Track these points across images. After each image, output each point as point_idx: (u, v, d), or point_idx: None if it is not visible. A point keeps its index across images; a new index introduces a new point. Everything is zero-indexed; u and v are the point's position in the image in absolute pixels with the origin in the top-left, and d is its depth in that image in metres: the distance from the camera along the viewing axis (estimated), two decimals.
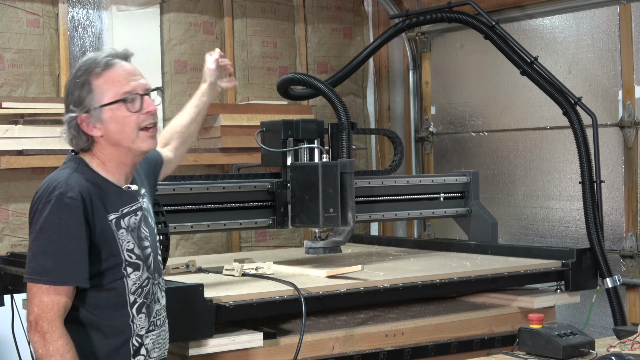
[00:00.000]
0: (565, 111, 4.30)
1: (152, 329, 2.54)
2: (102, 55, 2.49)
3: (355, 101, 5.81)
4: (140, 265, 2.50)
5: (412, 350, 3.54)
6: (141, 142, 2.49)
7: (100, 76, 2.46)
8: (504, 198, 5.22)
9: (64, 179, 2.43)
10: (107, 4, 4.94)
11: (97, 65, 2.47)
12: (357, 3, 5.84)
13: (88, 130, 2.47)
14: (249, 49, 5.38)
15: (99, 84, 2.46)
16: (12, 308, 4.01)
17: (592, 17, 4.76)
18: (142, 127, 2.48)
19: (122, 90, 2.46)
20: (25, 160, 4.50)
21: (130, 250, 2.49)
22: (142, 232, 2.54)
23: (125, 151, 2.50)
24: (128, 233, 2.49)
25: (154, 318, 2.55)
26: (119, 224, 2.48)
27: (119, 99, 2.46)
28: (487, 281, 3.81)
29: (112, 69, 2.47)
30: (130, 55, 2.54)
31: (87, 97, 2.46)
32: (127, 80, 2.47)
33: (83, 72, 2.47)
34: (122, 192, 2.52)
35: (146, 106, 2.48)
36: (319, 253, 3.88)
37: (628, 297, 4.54)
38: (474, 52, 5.37)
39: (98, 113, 2.46)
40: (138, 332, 2.50)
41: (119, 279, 2.47)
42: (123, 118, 2.47)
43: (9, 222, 4.59)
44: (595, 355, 2.75)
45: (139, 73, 2.52)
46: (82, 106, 2.46)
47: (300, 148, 3.92)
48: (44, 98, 4.66)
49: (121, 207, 2.50)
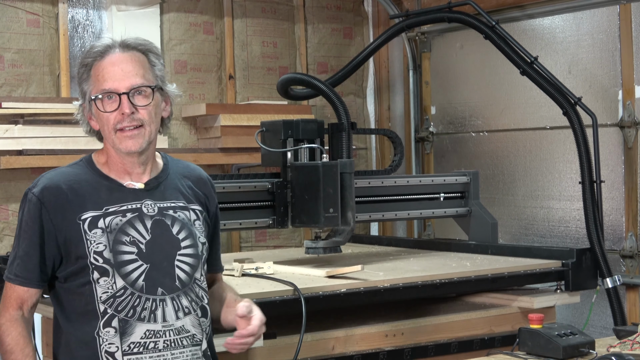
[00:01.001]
0: (565, 111, 4.30)
1: (138, 351, 2.30)
2: (99, 43, 2.39)
3: (355, 101, 5.80)
4: (110, 271, 2.30)
5: (412, 350, 3.54)
6: (119, 143, 2.36)
7: (92, 67, 2.38)
8: (504, 198, 5.22)
9: (44, 175, 2.40)
10: (107, 4, 4.94)
11: (92, 53, 2.39)
12: (357, 3, 5.84)
13: (89, 119, 2.44)
14: (249, 49, 5.38)
15: (90, 75, 2.39)
16: None
17: (592, 17, 4.76)
18: (117, 128, 2.36)
19: (101, 87, 2.36)
20: (25, 160, 4.50)
21: (99, 253, 2.31)
22: (125, 236, 2.34)
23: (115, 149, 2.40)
24: (104, 234, 2.32)
25: (143, 339, 2.31)
26: (94, 223, 2.32)
27: (96, 95, 2.37)
28: (487, 281, 3.81)
29: (101, 61, 2.37)
30: (138, 45, 2.40)
31: (85, 85, 2.42)
32: (109, 76, 2.35)
33: (85, 56, 2.41)
34: (118, 189, 2.40)
35: (122, 107, 2.33)
36: (319, 253, 3.88)
37: (628, 297, 4.54)
38: (474, 52, 5.37)
39: (90, 105, 2.41)
40: (106, 348, 2.29)
41: (87, 284, 2.32)
42: (101, 115, 2.38)
43: (9, 222, 4.59)
44: (595, 355, 2.75)
45: (130, 69, 2.35)
46: (81, 94, 2.44)
47: (300, 148, 3.92)
48: (44, 98, 4.66)
49: (107, 205, 2.35)
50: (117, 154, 2.40)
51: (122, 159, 2.41)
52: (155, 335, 2.32)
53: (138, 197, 2.41)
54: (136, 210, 2.39)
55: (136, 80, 2.36)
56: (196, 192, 2.52)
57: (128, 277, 2.32)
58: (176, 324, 2.35)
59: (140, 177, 2.44)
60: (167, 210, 2.42)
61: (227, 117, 4.95)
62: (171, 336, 2.34)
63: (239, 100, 5.31)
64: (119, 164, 2.42)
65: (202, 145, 5.06)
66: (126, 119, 2.35)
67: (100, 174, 2.42)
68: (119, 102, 2.34)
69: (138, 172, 2.44)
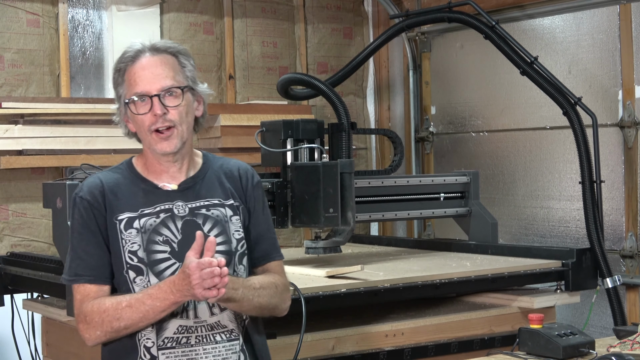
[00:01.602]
0: (565, 111, 4.30)
1: (171, 346, 2.40)
2: (131, 49, 2.45)
3: (355, 101, 5.80)
4: (144, 270, 2.40)
5: (412, 350, 3.54)
6: (155, 144, 2.43)
7: (125, 72, 2.45)
8: (504, 198, 5.22)
9: (88, 179, 2.50)
10: (107, 4, 4.94)
11: (125, 58, 2.45)
12: (357, 3, 5.84)
13: (126, 122, 2.50)
14: (249, 49, 5.38)
15: (124, 79, 2.46)
16: (12, 308, 4.01)
17: (592, 17, 4.76)
18: (152, 130, 2.42)
19: (133, 91, 2.42)
20: (25, 160, 4.50)
21: (133, 253, 2.40)
22: (158, 236, 2.42)
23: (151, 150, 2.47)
24: (138, 234, 2.41)
25: (176, 334, 2.40)
26: (130, 224, 2.42)
27: (128, 99, 2.43)
28: (487, 281, 3.81)
29: (133, 65, 2.43)
30: (168, 48, 2.46)
31: (120, 89, 2.48)
32: (139, 79, 2.42)
33: (118, 61, 2.47)
34: (153, 191, 2.47)
35: (153, 109, 2.41)
36: (319, 253, 3.88)
37: (628, 297, 4.54)
38: (474, 52, 5.37)
39: (125, 108, 2.48)
40: (144, 343, 2.40)
41: (124, 282, 2.41)
42: (136, 118, 2.44)
43: (9, 222, 4.59)
44: (595, 355, 2.75)
45: (160, 71, 2.42)
46: (117, 98, 2.50)
47: (300, 148, 3.92)
48: (44, 98, 4.66)
49: (142, 207, 2.44)
50: (153, 154, 2.48)
51: (158, 159, 2.48)
52: (187, 330, 2.40)
53: (170, 198, 2.48)
54: (168, 211, 2.46)
55: (166, 82, 2.42)
56: (229, 188, 2.57)
57: (161, 275, 2.39)
58: (209, 320, 2.42)
59: (176, 176, 2.50)
60: (200, 210, 2.48)
61: (227, 117, 4.95)
62: (203, 332, 2.41)
63: (239, 100, 5.31)
64: (155, 164, 2.49)
65: (202, 145, 5.05)
66: (159, 120, 2.41)
67: (139, 176, 2.50)
68: (150, 104, 2.41)
69: (174, 171, 2.50)
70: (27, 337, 4.06)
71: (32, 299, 3.92)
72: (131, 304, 2.33)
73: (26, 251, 4.32)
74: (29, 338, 4.05)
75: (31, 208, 4.62)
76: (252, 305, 2.44)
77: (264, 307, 2.49)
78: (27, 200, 4.62)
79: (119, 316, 2.34)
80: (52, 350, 3.87)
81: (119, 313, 2.34)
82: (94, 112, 4.73)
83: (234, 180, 2.58)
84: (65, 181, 3.40)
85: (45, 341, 3.93)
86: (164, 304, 2.31)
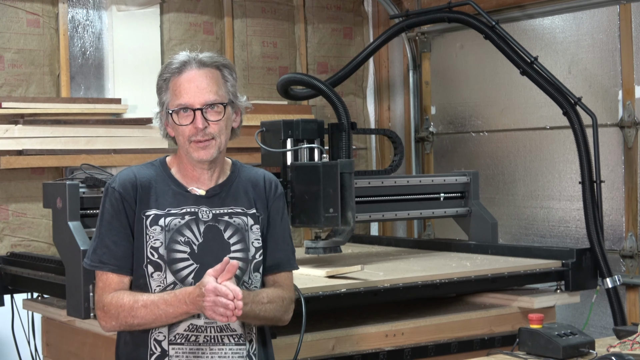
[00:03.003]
0: (565, 111, 4.30)
1: (180, 342, 2.49)
2: (177, 59, 2.53)
3: (355, 101, 5.80)
4: (162, 267, 2.49)
5: (412, 350, 3.55)
6: (193, 152, 2.52)
7: (171, 80, 2.53)
8: (504, 198, 5.22)
9: (122, 172, 2.59)
10: (107, 4, 4.94)
11: (171, 68, 2.53)
12: (357, 3, 5.84)
13: (166, 126, 2.58)
14: (249, 49, 5.38)
15: (169, 87, 2.54)
16: (12, 308, 4.01)
17: (592, 17, 4.76)
18: (192, 140, 2.51)
19: (177, 102, 2.50)
20: (25, 160, 4.50)
21: (155, 249, 2.50)
22: (180, 236, 2.51)
23: (187, 156, 2.55)
24: (162, 232, 2.50)
25: (186, 332, 2.49)
26: (155, 221, 2.51)
27: (173, 109, 2.51)
28: (487, 281, 3.81)
29: (178, 76, 2.52)
30: (213, 63, 2.54)
31: (163, 96, 2.56)
32: (184, 92, 2.50)
33: (163, 70, 2.55)
34: (182, 194, 2.55)
35: (194, 122, 2.49)
36: (319, 253, 3.88)
37: (628, 297, 4.54)
38: (474, 52, 5.37)
39: (166, 115, 2.56)
40: (155, 336, 2.49)
41: (142, 275, 2.51)
42: (178, 127, 2.52)
43: (9, 222, 4.59)
44: (595, 355, 2.75)
45: (205, 85, 2.50)
46: (160, 103, 2.58)
47: (300, 148, 3.92)
48: (44, 98, 4.66)
49: (169, 207, 2.53)
50: (189, 161, 2.57)
51: (192, 166, 2.57)
52: (197, 329, 2.49)
53: (197, 202, 2.57)
54: (193, 214, 2.55)
55: (209, 96, 2.50)
56: (253, 197, 2.65)
57: (178, 274, 2.49)
58: (219, 322, 2.46)
59: (205, 182, 2.59)
60: (222, 217, 2.57)
61: None
62: (212, 333, 2.50)
63: None
64: (189, 169, 2.58)
65: None
66: (199, 132, 2.50)
67: (170, 177, 2.59)
68: (193, 117, 2.49)
69: (205, 178, 2.59)
70: (27, 337, 4.06)
71: (32, 299, 3.92)
72: (147, 304, 2.44)
73: (26, 251, 4.32)
74: (29, 338, 4.05)
75: (31, 208, 4.62)
76: (257, 318, 2.53)
77: (268, 320, 2.58)
78: (27, 200, 4.62)
79: (134, 314, 2.45)
80: (52, 350, 3.88)
81: (134, 311, 2.45)
82: (94, 112, 4.73)
83: (259, 189, 2.66)
84: (65, 181, 3.41)
85: (45, 341, 3.93)
86: (177, 311, 2.42)
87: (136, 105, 4.92)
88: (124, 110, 4.86)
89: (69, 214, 3.31)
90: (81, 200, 3.37)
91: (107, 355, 3.32)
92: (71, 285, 3.24)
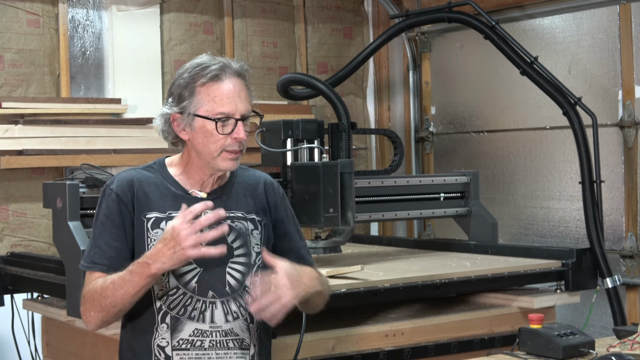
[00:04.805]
0: (565, 111, 4.30)
1: (185, 348, 2.45)
2: (214, 65, 2.46)
3: (355, 101, 5.81)
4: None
5: (412, 350, 3.54)
6: (221, 161, 2.47)
7: (204, 85, 2.45)
8: (504, 198, 5.22)
9: (120, 174, 2.54)
10: (107, 4, 4.94)
11: (207, 73, 2.45)
12: (357, 3, 5.84)
13: (177, 130, 2.50)
14: (249, 49, 5.38)
15: (201, 92, 2.45)
16: (12, 308, 4.01)
17: (592, 17, 4.76)
18: (226, 150, 2.46)
19: (218, 110, 2.44)
20: (25, 160, 4.50)
21: None
22: None
23: (205, 162, 2.49)
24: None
25: (191, 337, 2.45)
26: (157, 224, 2.46)
27: (212, 117, 2.44)
28: (487, 281, 3.81)
29: (218, 83, 2.45)
30: (244, 72, 2.51)
31: (187, 100, 2.47)
32: (227, 101, 2.44)
33: (190, 73, 2.47)
34: (184, 196, 2.50)
35: (236, 133, 2.45)
36: (319, 253, 3.88)
37: (628, 297, 4.54)
38: (474, 52, 5.37)
39: (191, 119, 2.47)
40: (158, 342, 2.45)
41: None
42: (211, 135, 2.46)
43: (9, 222, 4.59)
44: (595, 355, 2.75)
45: (244, 96, 2.48)
46: (180, 106, 2.48)
47: (300, 148, 3.92)
48: (44, 98, 4.66)
49: (171, 210, 2.48)
50: (203, 167, 2.51)
51: (203, 172, 2.52)
52: (202, 334, 2.45)
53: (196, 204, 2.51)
54: (195, 217, 2.45)
55: (247, 107, 2.49)
56: (252, 203, 2.62)
57: (181, 278, 2.45)
58: (224, 326, 2.47)
59: (207, 186, 2.55)
60: (225, 220, 2.50)
61: None
62: (217, 337, 2.46)
63: None
64: (197, 173, 2.53)
65: None
66: (236, 143, 2.46)
67: (170, 179, 2.54)
68: (233, 127, 2.45)
69: (209, 181, 2.55)
70: (27, 337, 4.06)
71: (32, 299, 3.92)
72: (114, 280, 2.37)
73: (26, 251, 4.32)
74: (29, 338, 4.05)
75: (31, 208, 4.63)
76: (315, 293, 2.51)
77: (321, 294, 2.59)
78: (27, 200, 4.63)
79: (105, 294, 2.37)
80: (52, 350, 3.87)
81: (104, 291, 2.37)
82: (94, 112, 4.74)
83: (258, 195, 2.63)
84: (65, 181, 3.41)
85: (45, 341, 3.93)
86: (141, 278, 2.33)
87: (136, 105, 4.92)
88: (124, 110, 4.86)
89: (69, 214, 3.31)
90: (81, 200, 3.37)
91: (107, 355, 3.32)
92: (71, 285, 3.25)
